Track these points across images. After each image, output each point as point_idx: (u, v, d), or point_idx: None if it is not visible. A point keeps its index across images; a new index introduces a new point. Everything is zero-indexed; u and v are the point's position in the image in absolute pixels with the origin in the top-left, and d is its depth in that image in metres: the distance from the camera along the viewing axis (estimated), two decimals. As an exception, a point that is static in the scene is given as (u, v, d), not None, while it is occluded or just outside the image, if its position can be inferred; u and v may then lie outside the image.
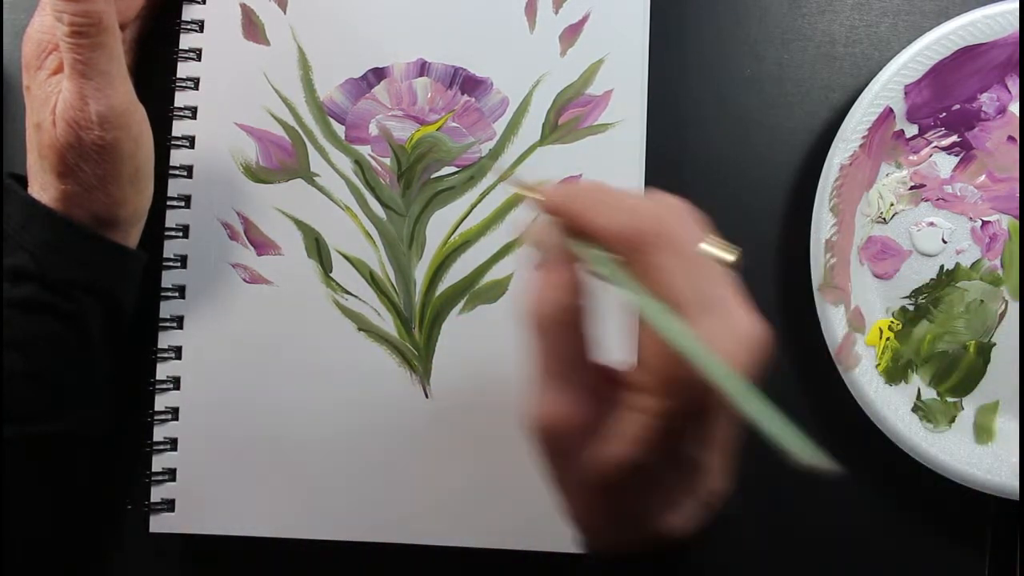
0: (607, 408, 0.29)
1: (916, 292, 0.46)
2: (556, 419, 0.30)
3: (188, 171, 0.43)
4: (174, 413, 0.43)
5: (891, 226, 0.46)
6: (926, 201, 0.46)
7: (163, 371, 0.43)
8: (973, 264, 0.46)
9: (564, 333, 0.30)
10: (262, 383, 0.43)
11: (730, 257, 0.30)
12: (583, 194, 0.30)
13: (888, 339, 0.46)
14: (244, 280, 0.44)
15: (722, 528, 0.48)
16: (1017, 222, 0.46)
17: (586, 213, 0.29)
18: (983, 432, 0.46)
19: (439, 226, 0.44)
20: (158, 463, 0.43)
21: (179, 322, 0.43)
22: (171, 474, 0.43)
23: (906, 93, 0.45)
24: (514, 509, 0.43)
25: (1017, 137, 0.45)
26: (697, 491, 0.31)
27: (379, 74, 0.44)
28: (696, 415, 0.28)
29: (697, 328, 0.27)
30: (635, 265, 0.28)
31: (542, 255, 0.30)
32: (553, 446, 0.30)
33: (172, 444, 0.43)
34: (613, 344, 0.31)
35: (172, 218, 0.43)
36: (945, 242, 0.46)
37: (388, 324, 0.44)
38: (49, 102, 0.38)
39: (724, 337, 0.27)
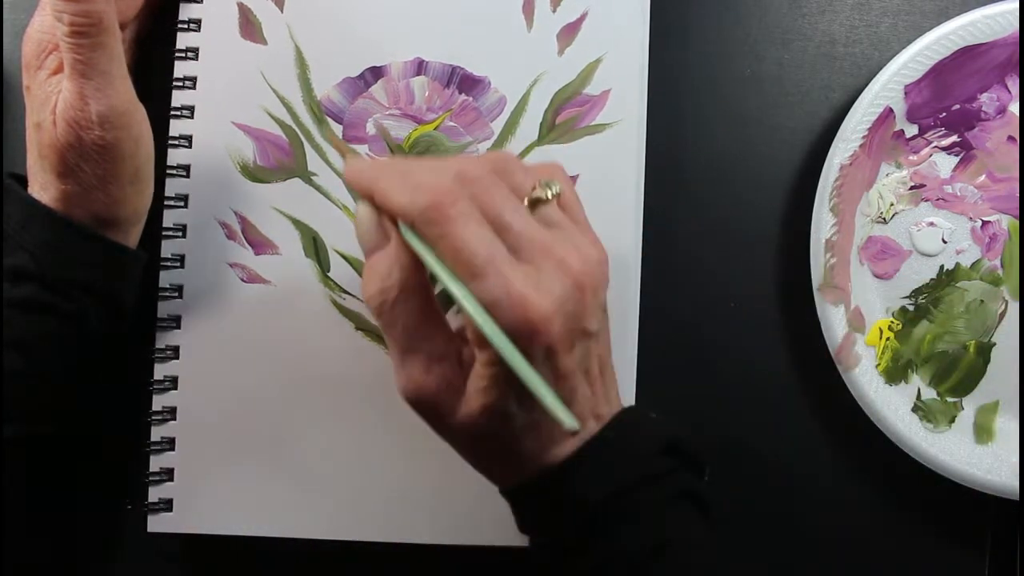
0: (464, 367, 0.33)
1: (916, 292, 0.46)
2: (418, 389, 0.33)
3: (186, 170, 0.43)
4: (172, 413, 0.43)
5: (891, 226, 0.46)
6: (926, 201, 0.46)
7: (161, 371, 0.43)
8: (973, 264, 0.46)
9: (402, 310, 0.32)
10: (260, 383, 0.43)
11: (543, 194, 0.33)
12: (383, 173, 0.32)
13: (888, 339, 0.46)
14: (242, 280, 0.44)
15: (722, 528, 0.48)
16: (1017, 222, 0.45)
17: (385, 193, 0.32)
18: (983, 432, 0.46)
19: (437, 226, 0.44)
20: (156, 463, 0.43)
21: (177, 322, 0.43)
22: (169, 474, 0.43)
23: (906, 93, 0.44)
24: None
25: (1017, 137, 0.45)
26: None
27: (376, 73, 0.44)
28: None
29: (475, 290, 0.30)
30: (426, 238, 0.31)
31: (369, 238, 0.33)
32: (426, 411, 0.34)
33: (170, 444, 0.43)
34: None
35: (170, 218, 0.43)
36: (945, 242, 0.46)
37: (386, 324, 0.44)
38: (49, 102, 0.38)
39: (524, 284, 0.30)
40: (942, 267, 0.46)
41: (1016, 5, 0.44)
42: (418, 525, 0.43)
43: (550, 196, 0.33)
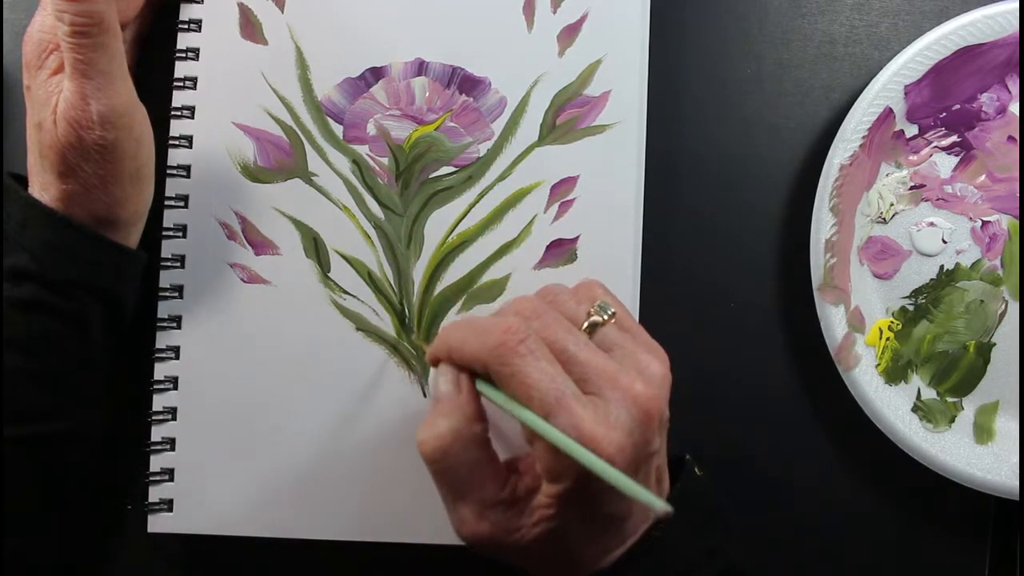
0: (521, 504, 0.34)
1: (916, 292, 0.46)
2: (473, 535, 0.34)
3: (186, 171, 0.43)
4: (172, 413, 0.43)
5: (891, 226, 0.46)
6: (926, 201, 0.46)
7: (161, 371, 0.43)
8: (973, 264, 0.46)
9: (456, 460, 0.34)
10: (260, 383, 0.43)
11: (600, 318, 0.35)
12: (453, 330, 0.35)
13: (888, 339, 0.46)
14: (242, 280, 0.44)
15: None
16: (1017, 222, 0.45)
17: (459, 344, 0.34)
18: (983, 432, 0.46)
19: (437, 226, 0.44)
20: (156, 463, 0.43)
21: (177, 322, 0.43)
22: (169, 474, 0.43)
23: (906, 93, 0.45)
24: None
25: (1017, 137, 0.45)
26: (624, 532, 0.34)
27: (377, 73, 0.44)
28: (584, 488, 0.32)
29: (565, 420, 0.31)
30: (499, 378, 0.32)
31: (445, 391, 0.35)
32: (483, 549, 0.35)
33: (170, 444, 0.43)
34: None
35: (170, 218, 0.43)
36: (945, 242, 0.46)
37: (386, 324, 0.44)
38: (50, 102, 0.38)
39: (595, 421, 0.31)
40: (942, 267, 0.46)
41: (1016, 5, 0.44)
42: (419, 525, 0.43)
43: (606, 318, 0.35)
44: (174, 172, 0.43)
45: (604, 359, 0.33)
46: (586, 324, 0.35)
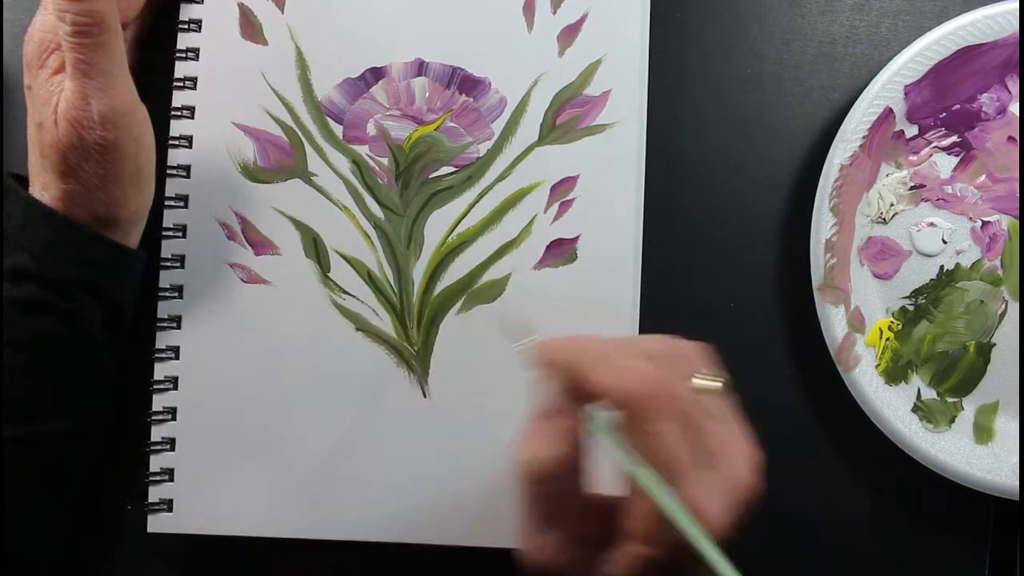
0: (605, 549, 0.32)
1: (916, 292, 0.46)
2: (548, 563, 0.32)
3: (186, 171, 0.43)
4: (172, 413, 0.43)
5: (891, 226, 0.46)
6: (926, 201, 0.46)
7: (161, 371, 0.43)
8: (973, 264, 0.46)
9: (552, 485, 0.31)
10: (260, 383, 0.43)
11: (718, 386, 0.33)
12: (584, 351, 0.32)
13: (888, 339, 0.46)
14: (242, 280, 0.44)
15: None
16: (1017, 222, 0.45)
17: (587, 373, 0.31)
18: (983, 432, 0.46)
19: (437, 226, 0.44)
20: (156, 463, 0.43)
21: (177, 322, 0.43)
22: (169, 474, 0.43)
23: (906, 93, 0.45)
24: (512, 508, 0.43)
25: (1017, 137, 0.45)
26: None
27: (377, 74, 0.44)
28: (675, 560, 0.30)
29: (683, 491, 0.29)
30: (631, 427, 0.30)
31: (543, 402, 0.32)
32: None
33: (170, 444, 0.43)
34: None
35: (170, 218, 0.43)
36: (945, 242, 0.46)
37: (386, 324, 0.44)
38: (51, 101, 0.38)
39: (709, 497, 0.30)
40: (942, 267, 0.46)
41: (1016, 5, 0.44)
42: (419, 525, 0.43)
43: (718, 386, 0.33)
44: (174, 172, 0.43)
45: (717, 430, 0.31)
46: (700, 387, 0.33)
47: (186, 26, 0.44)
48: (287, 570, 0.46)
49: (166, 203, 0.43)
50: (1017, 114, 0.45)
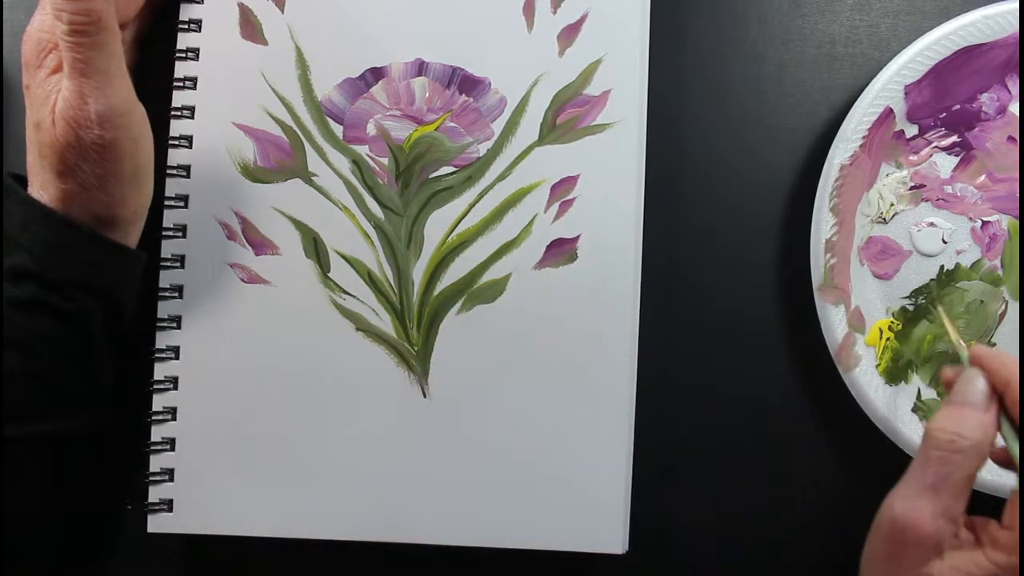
0: (967, 542, 0.35)
1: (916, 292, 0.46)
2: (915, 524, 0.35)
3: (186, 171, 0.43)
4: (172, 413, 0.43)
5: (891, 226, 0.46)
6: (926, 201, 0.46)
7: (161, 371, 0.43)
8: (973, 264, 0.46)
9: (965, 463, 0.34)
10: (260, 383, 0.43)
11: None
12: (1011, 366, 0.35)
13: (888, 339, 0.46)
14: (242, 280, 0.44)
15: (722, 528, 0.48)
16: (1017, 222, 0.45)
17: (1013, 390, 0.35)
18: (983, 433, 0.46)
19: (437, 226, 0.44)
20: (156, 463, 0.43)
21: (177, 322, 0.43)
22: (169, 474, 0.43)
23: (906, 93, 0.45)
24: (512, 508, 0.43)
25: (1017, 137, 0.45)
26: None
27: (377, 74, 0.44)
28: None
29: None
30: None
31: (971, 395, 0.36)
32: (896, 543, 0.35)
33: (170, 444, 0.43)
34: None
35: (170, 218, 0.43)
36: (945, 242, 0.46)
37: (386, 324, 0.44)
38: (49, 101, 0.38)
39: None
40: (942, 267, 0.46)
41: (1016, 5, 0.44)
42: (419, 525, 0.43)
43: None
44: (174, 172, 0.43)
45: None
46: None
47: (186, 26, 0.44)
48: (287, 570, 0.46)
49: (166, 203, 0.43)
50: (1017, 114, 0.45)
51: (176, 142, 0.43)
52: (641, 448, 0.44)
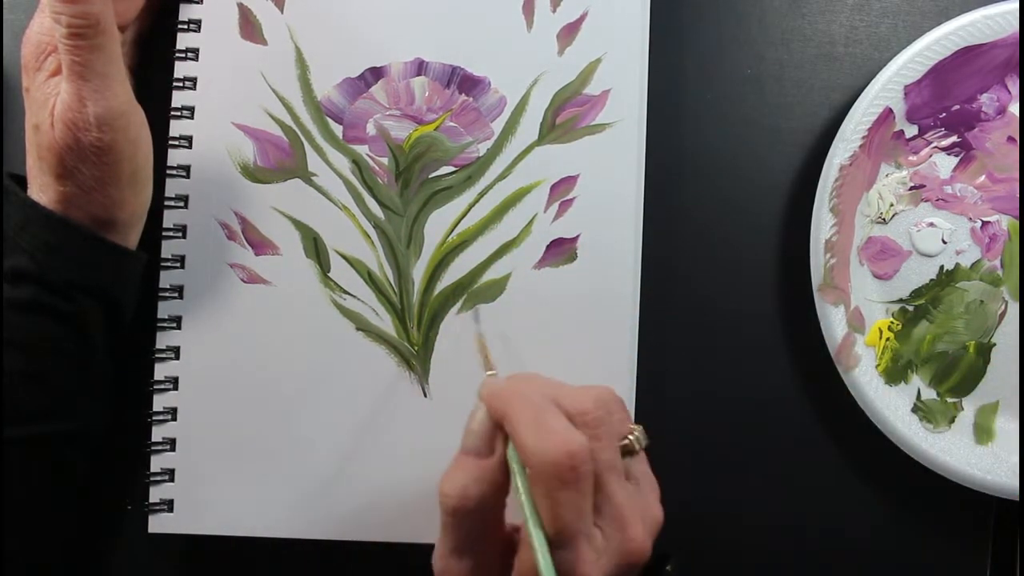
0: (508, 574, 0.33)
1: (916, 292, 0.46)
2: None
3: (186, 171, 0.43)
4: (172, 413, 0.43)
5: (891, 226, 0.46)
6: (926, 201, 0.46)
7: (161, 371, 0.43)
8: (973, 264, 0.46)
9: (473, 518, 0.33)
10: (260, 383, 0.43)
11: (638, 449, 0.35)
12: (516, 404, 0.33)
13: (888, 339, 0.46)
14: (242, 280, 0.44)
15: (722, 528, 0.48)
16: (1017, 222, 0.45)
17: (515, 427, 0.32)
18: (983, 432, 0.46)
19: (437, 226, 0.44)
20: (157, 463, 0.43)
21: (177, 322, 0.43)
22: (170, 474, 0.43)
23: (906, 93, 0.44)
24: (511, 507, 0.43)
25: (1017, 137, 0.45)
26: None
27: (376, 73, 0.44)
28: None
29: (569, 554, 0.31)
30: (537, 487, 0.31)
31: (475, 443, 0.34)
32: None
33: (171, 444, 0.43)
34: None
35: (170, 218, 0.43)
36: (945, 242, 0.46)
37: (386, 324, 0.44)
38: (48, 103, 0.38)
39: (593, 563, 0.31)
40: (942, 267, 0.46)
41: (1016, 5, 0.44)
42: (419, 525, 0.43)
43: (638, 447, 0.35)
44: (174, 172, 0.43)
45: (624, 497, 0.33)
46: (620, 445, 0.34)
47: (186, 26, 0.43)
48: (287, 570, 0.46)
49: (166, 203, 0.43)
50: (1017, 114, 0.45)
51: (176, 142, 0.43)
52: (641, 448, 0.44)
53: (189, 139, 0.43)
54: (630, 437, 0.35)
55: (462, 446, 0.34)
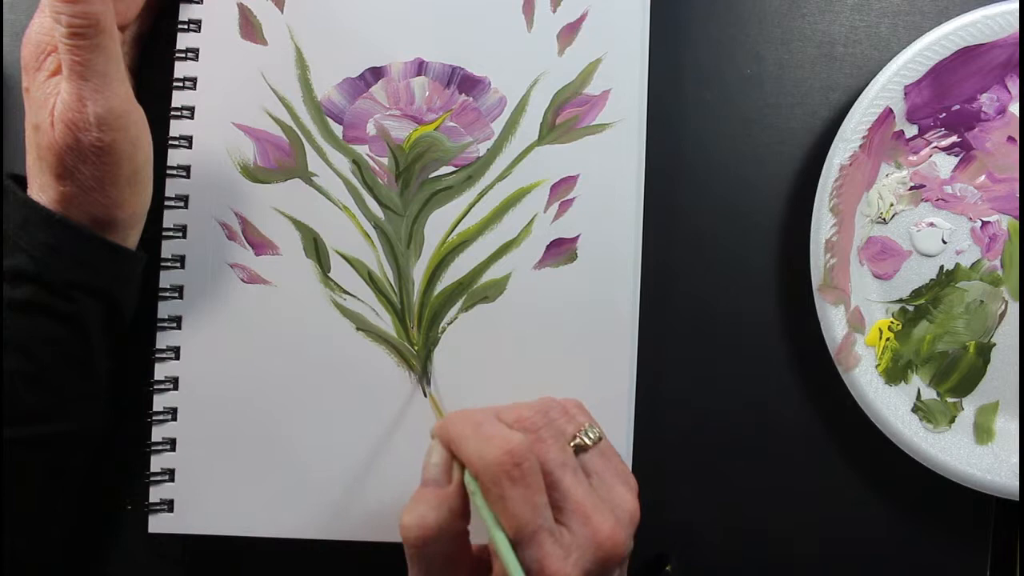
0: None
1: (916, 292, 0.46)
2: None
3: (186, 171, 0.43)
4: (173, 413, 0.43)
5: (891, 226, 0.46)
6: (926, 201, 0.46)
7: (161, 371, 0.43)
8: (973, 264, 0.46)
9: (434, 549, 0.33)
10: (261, 383, 0.43)
11: (589, 442, 0.35)
12: (458, 424, 0.34)
13: (888, 339, 0.46)
14: (242, 280, 0.44)
15: (722, 527, 0.48)
16: (1017, 222, 0.45)
17: (458, 443, 0.34)
18: (983, 432, 0.46)
19: (437, 226, 0.44)
20: (157, 463, 0.43)
21: (177, 322, 0.43)
22: (170, 474, 0.43)
23: (906, 93, 0.44)
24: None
25: (1017, 137, 0.45)
26: None
27: (377, 73, 0.44)
28: None
29: (533, 552, 0.31)
30: (487, 492, 0.32)
31: (433, 475, 0.35)
32: None
33: (171, 444, 0.43)
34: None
35: (170, 218, 0.43)
36: (945, 242, 0.46)
37: (387, 324, 0.44)
38: (48, 103, 0.38)
39: (559, 558, 0.31)
40: (942, 267, 0.46)
41: (1016, 5, 0.44)
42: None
43: (589, 442, 0.35)
44: (174, 172, 0.43)
45: (584, 492, 0.33)
46: (572, 444, 0.35)
47: (186, 26, 0.43)
48: (287, 570, 0.46)
49: (166, 203, 0.43)
50: (1017, 114, 0.45)
51: (176, 142, 0.43)
52: (641, 447, 0.44)
53: (189, 139, 0.43)
54: (578, 434, 0.35)
55: (421, 480, 0.35)
